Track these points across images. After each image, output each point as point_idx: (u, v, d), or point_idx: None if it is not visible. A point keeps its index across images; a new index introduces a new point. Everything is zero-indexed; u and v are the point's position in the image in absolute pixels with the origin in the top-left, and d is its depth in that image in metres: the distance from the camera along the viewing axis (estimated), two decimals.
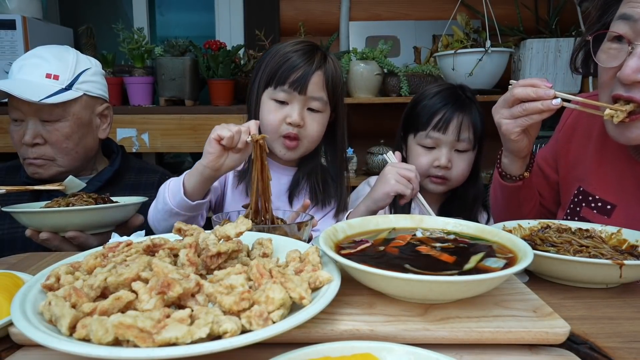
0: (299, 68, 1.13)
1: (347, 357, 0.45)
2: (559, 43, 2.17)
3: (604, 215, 1.02)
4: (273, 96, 1.16)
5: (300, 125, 1.15)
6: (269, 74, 1.15)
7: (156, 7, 2.91)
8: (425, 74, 2.22)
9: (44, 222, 1.01)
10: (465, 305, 0.59)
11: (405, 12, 2.59)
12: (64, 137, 1.24)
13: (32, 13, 2.19)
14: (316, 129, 1.18)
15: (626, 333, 0.59)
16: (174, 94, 2.25)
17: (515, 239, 0.67)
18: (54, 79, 1.20)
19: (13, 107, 1.21)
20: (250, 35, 2.47)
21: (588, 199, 1.05)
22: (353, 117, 2.62)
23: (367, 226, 0.76)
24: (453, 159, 1.30)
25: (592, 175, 1.06)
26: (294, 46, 1.17)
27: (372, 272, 0.55)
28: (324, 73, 1.16)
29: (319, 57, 1.16)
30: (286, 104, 1.16)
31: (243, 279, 0.52)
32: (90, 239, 1.05)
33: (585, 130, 1.10)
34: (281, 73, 1.13)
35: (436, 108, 1.29)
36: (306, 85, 1.13)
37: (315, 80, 1.14)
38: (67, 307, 0.47)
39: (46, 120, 1.22)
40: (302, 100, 1.15)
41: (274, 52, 1.18)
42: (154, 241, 0.62)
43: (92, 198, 1.08)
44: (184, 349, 0.42)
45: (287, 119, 1.15)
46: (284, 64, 1.13)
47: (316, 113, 1.17)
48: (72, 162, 1.28)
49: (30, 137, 1.20)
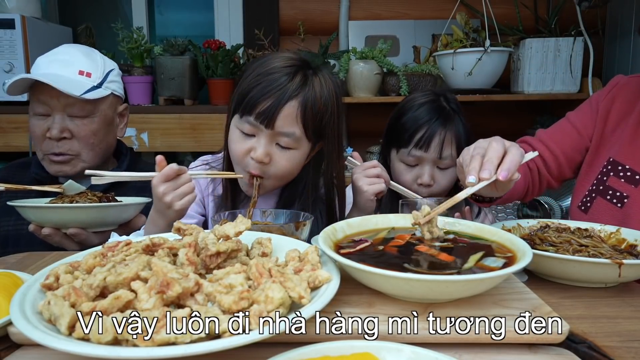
0: (269, 97, 0.96)
1: (346, 356, 0.45)
2: (559, 42, 2.17)
3: (631, 185, 1.05)
4: (238, 126, 1.01)
5: (265, 163, 0.99)
6: (240, 97, 1.00)
7: (155, 6, 2.90)
8: (424, 73, 2.22)
9: (47, 218, 1.02)
10: (464, 304, 0.59)
11: (405, 12, 2.59)
12: (91, 132, 1.25)
13: (31, 12, 2.18)
14: (284, 167, 1.02)
15: (625, 332, 0.59)
16: (173, 94, 2.25)
17: (514, 239, 0.67)
18: (86, 76, 1.22)
19: (39, 102, 1.21)
20: (250, 35, 2.46)
21: (617, 168, 1.08)
22: (352, 116, 2.63)
23: (366, 225, 0.76)
24: (436, 175, 1.28)
25: (626, 146, 1.09)
26: (276, 63, 1.00)
27: (371, 271, 0.55)
28: (300, 103, 0.97)
29: (298, 81, 0.98)
30: (252, 136, 1.00)
31: (242, 279, 0.52)
32: (91, 236, 1.05)
33: (626, 103, 1.13)
34: (248, 100, 0.97)
35: (418, 125, 1.25)
36: (274, 119, 0.96)
37: (287, 112, 0.96)
38: (67, 306, 0.48)
39: (75, 116, 1.23)
40: (268, 135, 0.98)
41: (255, 66, 1.02)
42: (153, 240, 0.62)
43: (97, 196, 1.09)
44: (183, 348, 0.42)
45: (252, 154, 0.99)
46: (254, 88, 0.97)
47: (286, 150, 1.01)
48: (94, 158, 1.29)
49: (58, 131, 1.21)
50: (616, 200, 1.06)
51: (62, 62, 1.22)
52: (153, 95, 2.38)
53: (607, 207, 1.07)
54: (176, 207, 0.90)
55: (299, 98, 0.97)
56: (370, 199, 1.10)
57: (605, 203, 1.08)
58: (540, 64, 2.19)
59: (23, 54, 2.08)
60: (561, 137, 1.19)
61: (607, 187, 1.09)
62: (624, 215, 1.05)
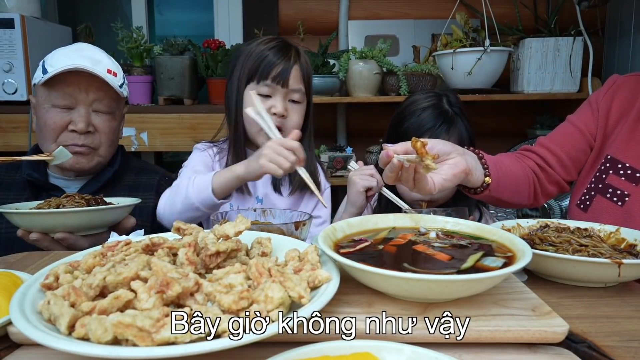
0: (279, 63, 1.21)
1: (346, 356, 0.45)
2: (558, 42, 2.17)
3: (632, 183, 1.04)
4: (256, 90, 1.21)
5: (284, 116, 1.22)
6: (250, 70, 1.22)
7: (155, 5, 2.90)
8: (424, 73, 2.22)
9: (34, 223, 1.01)
10: (464, 304, 0.59)
11: (405, 11, 2.59)
12: (112, 129, 1.30)
13: (30, 12, 2.18)
14: (297, 120, 1.26)
15: (624, 332, 0.59)
16: (172, 93, 2.25)
17: (514, 238, 0.67)
18: (113, 75, 1.25)
19: (64, 93, 1.21)
20: (249, 34, 2.46)
21: (617, 166, 1.07)
22: (352, 116, 2.63)
23: (366, 225, 0.76)
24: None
25: (624, 144, 1.08)
26: (267, 44, 1.24)
27: (371, 271, 0.55)
28: (299, 67, 1.24)
29: (294, 52, 1.25)
30: (269, 97, 1.22)
31: (242, 278, 0.52)
32: (80, 240, 1.03)
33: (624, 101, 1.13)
34: (263, 68, 1.21)
35: (421, 132, 1.25)
36: (287, 78, 1.21)
37: (294, 73, 1.22)
38: (66, 306, 0.47)
39: (99, 111, 1.26)
40: (284, 93, 1.22)
41: (248, 50, 1.25)
42: (153, 240, 0.62)
43: (85, 199, 1.08)
44: (182, 348, 0.42)
45: (272, 109, 1.21)
46: (264, 59, 1.21)
47: (297, 104, 1.26)
48: (108, 154, 1.32)
49: (85, 124, 1.22)
50: (617, 198, 1.06)
51: (92, 59, 1.23)
52: (153, 95, 2.38)
53: (607, 206, 1.07)
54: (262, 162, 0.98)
55: (299, 63, 1.24)
56: (359, 190, 1.21)
57: (605, 201, 1.07)
58: (540, 64, 2.19)
59: (22, 54, 2.08)
60: (564, 139, 1.16)
61: (607, 185, 1.08)
62: (625, 214, 1.04)
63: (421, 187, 0.85)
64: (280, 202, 1.30)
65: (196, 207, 1.06)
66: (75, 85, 1.21)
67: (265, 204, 1.29)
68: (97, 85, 1.23)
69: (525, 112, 2.56)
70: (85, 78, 1.21)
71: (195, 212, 1.08)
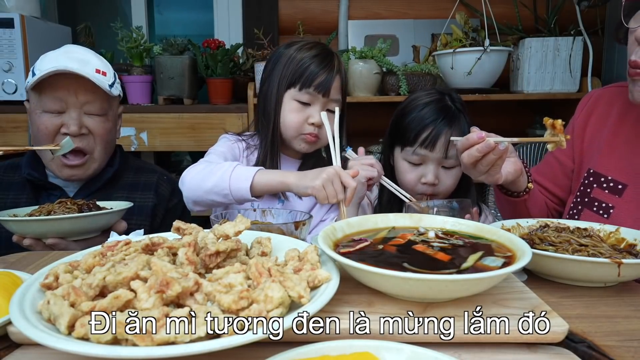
0: (323, 73, 1.21)
1: (346, 356, 0.45)
2: (558, 42, 2.17)
3: (615, 195, 1.04)
4: (296, 97, 1.22)
5: (321, 126, 1.22)
6: (293, 76, 1.22)
7: (155, 5, 2.90)
8: (424, 72, 2.22)
9: (26, 230, 1.03)
10: (463, 303, 0.59)
11: (404, 11, 2.59)
12: (106, 131, 1.28)
13: (30, 11, 2.18)
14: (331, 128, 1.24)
15: (624, 331, 0.59)
16: (172, 93, 2.25)
17: (513, 238, 0.67)
18: (102, 74, 1.24)
19: (54, 98, 1.20)
20: (249, 34, 2.46)
21: (600, 179, 1.08)
22: (352, 116, 2.62)
23: (365, 225, 0.76)
24: (440, 174, 1.27)
25: (604, 157, 1.09)
26: (310, 50, 1.23)
27: (370, 270, 0.55)
28: (340, 77, 1.25)
29: (337, 61, 1.25)
30: (308, 105, 1.23)
31: (242, 278, 0.52)
32: (71, 245, 1.04)
33: (601, 115, 1.14)
34: (307, 76, 1.21)
35: (424, 124, 1.25)
36: (329, 88, 1.21)
37: (335, 84, 1.23)
38: (66, 306, 0.47)
39: (91, 114, 1.24)
40: (323, 102, 1.23)
41: (290, 55, 1.23)
42: (153, 240, 0.62)
43: (78, 204, 1.08)
44: (182, 347, 0.42)
45: (310, 120, 1.23)
46: (308, 67, 1.21)
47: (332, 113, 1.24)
48: (105, 157, 1.31)
49: (77, 127, 1.21)
50: (602, 211, 1.06)
51: (80, 60, 1.22)
52: (152, 95, 2.38)
53: (593, 219, 1.06)
54: (316, 184, 0.99)
55: (340, 73, 1.25)
56: (360, 181, 1.18)
57: (591, 214, 1.08)
58: (540, 64, 2.19)
59: (22, 54, 2.08)
60: (549, 171, 1.25)
61: (592, 198, 1.08)
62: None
63: (492, 175, 0.97)
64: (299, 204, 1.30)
65: (225, 193, 1.06)
66: (64, 89, 1.19)
67: (286, 205, 1.28)
68: (87, 87, 1.21)
69: (525, 112, 2.56)
70: (75, 80, 1.19)
71: (221, 198, 1.07)
